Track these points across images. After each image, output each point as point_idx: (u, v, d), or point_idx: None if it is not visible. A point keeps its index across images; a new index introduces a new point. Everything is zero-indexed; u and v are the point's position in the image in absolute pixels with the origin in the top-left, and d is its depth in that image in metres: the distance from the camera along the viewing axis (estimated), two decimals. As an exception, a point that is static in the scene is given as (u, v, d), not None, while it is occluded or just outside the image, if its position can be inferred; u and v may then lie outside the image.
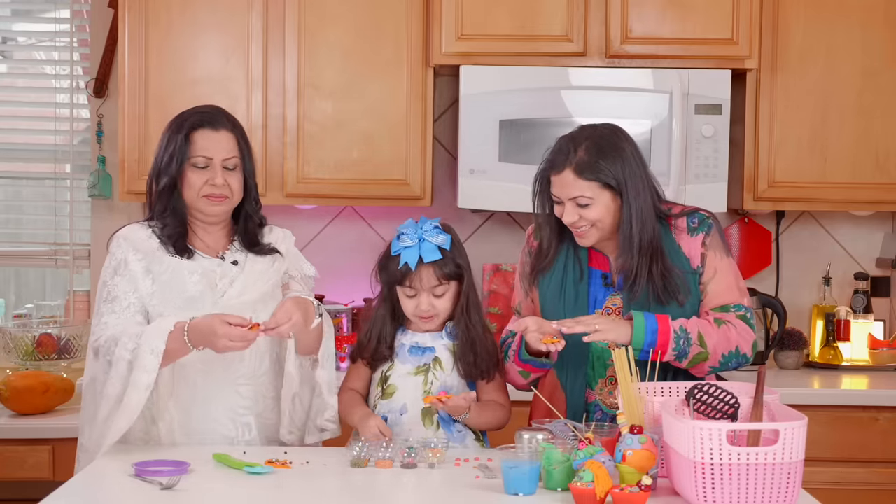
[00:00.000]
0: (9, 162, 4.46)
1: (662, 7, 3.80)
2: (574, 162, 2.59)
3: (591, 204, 2.60)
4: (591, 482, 2.14)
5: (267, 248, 2.85)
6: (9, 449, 3.61)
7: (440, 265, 2.66)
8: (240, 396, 2.75)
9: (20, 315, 4.23)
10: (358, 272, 3.75)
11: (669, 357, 2.56)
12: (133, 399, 2.59)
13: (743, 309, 2.66)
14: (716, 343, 2.59)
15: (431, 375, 2.70)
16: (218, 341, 2.52)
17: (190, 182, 2.76)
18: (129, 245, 2.77)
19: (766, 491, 2.10)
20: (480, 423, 2.71)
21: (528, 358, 2.67)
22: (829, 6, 3.89)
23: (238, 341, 2.52)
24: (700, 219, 2.69)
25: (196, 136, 2.77)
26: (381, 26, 3.87)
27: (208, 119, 2.81)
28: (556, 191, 2.64)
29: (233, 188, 2.77)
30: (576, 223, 2.62)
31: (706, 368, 2.63)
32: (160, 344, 2.58)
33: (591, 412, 2.69)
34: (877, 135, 3.91)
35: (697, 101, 3.77)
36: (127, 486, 2.37)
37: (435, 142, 4.04)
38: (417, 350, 2.73)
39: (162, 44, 3.87)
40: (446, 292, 2.69)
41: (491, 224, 4.24)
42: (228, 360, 2.71)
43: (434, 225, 2.69)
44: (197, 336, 2.56)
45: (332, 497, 2.34)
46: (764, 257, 4.27)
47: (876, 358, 4.04)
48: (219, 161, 2.76)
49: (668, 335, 2.55)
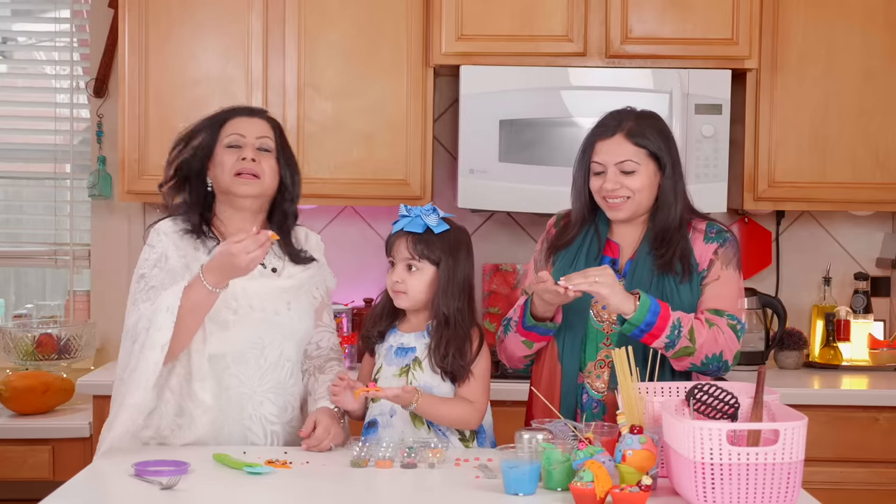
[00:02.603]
0: (9, 162, 4.46)
1: (662, 7, 3.80)
2: (626, 128, 2.70)
3: (636, 171, 2.67)
4: (591, 482, 2.14)
5: (305, 257, 2.83)
6: (9, 449, 3.61)
7: (417, 240, 2.68)
8: (271, 405, 2.74)
9: (20, 315, 4.23)
10: (358, 272, 3.76)
11: (660, 343, 2.59)
12: (149, 359, 2.55)
13: (735, 319, 2.69)
14: (703, 342, 2.61)
15: (411, 376, 2.70)
16: (237, 260, 2.51)
17: (221, 162, 2.74)
18: (170, 241, 2.73)
19: (766, 491, 2.10)
20: (438, 416, 2.66)
21: (533, 324, 2.69)
22: (829, 6, 3.90)
23: (255, 250, 2.51)
24: (718, 230, 2.76)
25: (230, 122, 2.80)
26: (381, 26, 3.87)
27: (242, 109, 2.86)
28: (602, 157, 2.69)
29: (265, 169, 2.75)
30: (616, 191, 2.67)
31: (687, 364, 2.64)
32: (174, 301, 2.56)
33: (579, 395, 2.71)
34: (877, 135, 3.92)
35: (697, 101, 3.77)
36: (127, 486, 2.37)
37: (435, 142, 4.04)
38: (401, 351, 2.73)
39: (162, 44, 3.87)
40: (419, 271, 2.69)
41: (491, 224, 4.24)
42: (263, 369, 2.72)
43: (435, 208, 2.73)
44: (215, 274, 2.55)
45: (332, 497, 2.34)
46: (764, 257, 4.27)
47: (876, 358, 4.04)
48: (252, 139, 2.76)
49: (667, 321, 2.58)
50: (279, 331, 2.75)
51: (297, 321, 2.78)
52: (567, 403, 2.70)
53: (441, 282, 2.69)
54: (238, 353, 2.71)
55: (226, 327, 2.68)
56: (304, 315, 2.80)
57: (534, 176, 3.75)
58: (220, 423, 2.70)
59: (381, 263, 4.19)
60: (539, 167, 3.76)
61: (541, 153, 3.76)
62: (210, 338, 2.66)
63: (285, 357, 2.76)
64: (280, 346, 2.75)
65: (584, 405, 2.71)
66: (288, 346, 2.77)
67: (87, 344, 4.03)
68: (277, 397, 2.75)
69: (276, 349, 2.75)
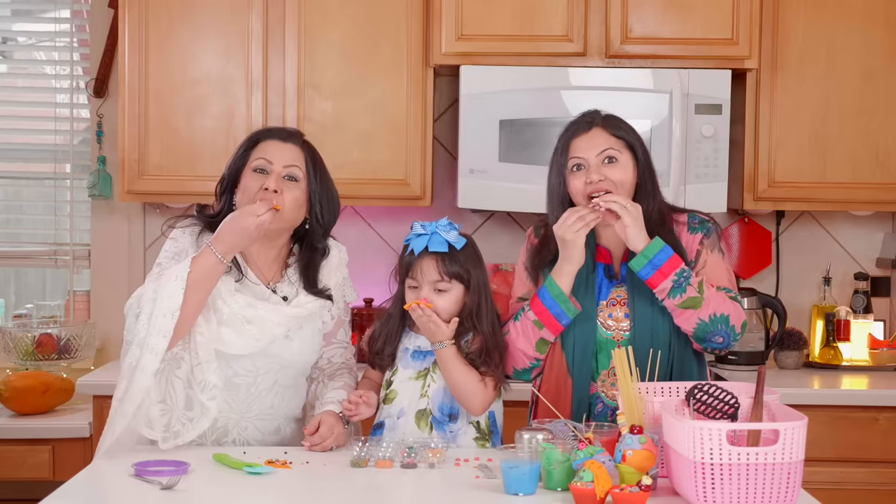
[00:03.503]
0: (9, 162, 4.47)
1: (662, 7, 3.80)
2: (599, 122, 2.72)
3: (618, 160, 2.67)
4: (591, 482, 2.14)
5: (322, 292, 2.78)
6: (9, 449, 3.61)
7: (444, 259, 2.65)
8: (256, 431, 2.74)
9: (20, 315, 4.23)
10: (358, 272, 3.74)
11: (667, 284, 2.58)
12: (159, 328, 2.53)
13: (733, 293, 2.69)
14: (711, 296, 2.61)
15: (429, 379, 2.70)
16: (246, 221, 2.52)
17: (245, 187, 2.70)
18: (192, 241, 2.73)
19: (766, 491, 2.10)
20: (454, 375, 2.62)
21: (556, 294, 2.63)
22: (829, 6, 3.90)
23: (264, 212, 2.53)
24: (700, 220, 2.76)
25: (262, 144, 2.75)
26: (381, 26, 3.87)
27: (278, 132, 2.79)
28: (582, 151, 2.69)
29: (286, 200, 2.67)
30: (600, 183, 2.66)
31: (695, 320, 2.61)
32: (183, 270, 2.55)
33: (593, 404, 2.70)
34: (877, 135, 3.92)
35: (697, 101, 3.77)
36: (127, 486, 2.37)
37: (435, 142, 4.04)
38: (419, 354, 2.72)
39: (162, 44, 3.87)
40: (448, 291, 2.67)
41: (491, 224, 4.24)
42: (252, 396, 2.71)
43: (450, 222, 2.69)
44: (223, 241, 2.56)
45: (332, 497, 2.34)
46: (764, 257, 4.27)
47: (876, 358, 4.04)
48: (279, 167, 2.69)
49: (678, 264, 2.59)
50: (275, 360, 2.73)
51: (296, 352, 2.75)
52: (577, 417, 2.65)
53: (474, 301, 2.68)
54: (228, 379, 2.68)
55: (221, 323, 2.66)
56: (305, 344, 2.77)
57: (534, 176, 3.74)
58: (203, 441, 2.69)
59: (381, 264, 4.18)
60: (539, 167, 3.73)
61: (541, 153, 3.75)
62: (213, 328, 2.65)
63: (280, 384, 2.75)
64: (275, 375, 2.74)
65: (597, 415, 2.68)
66: (285, 374, 2.76)
67: (87, 344, 4.03)
68: (264, 424, 2.74)
69: (270, 377, 2.73)
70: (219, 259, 2.57)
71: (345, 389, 2.76)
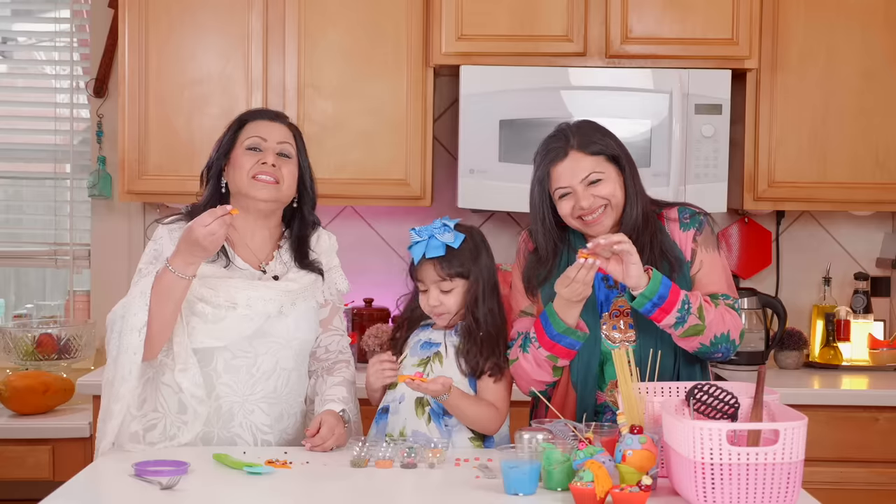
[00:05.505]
0: (9, 162, 4.47)
1: (662, 7, 3.80)
2: (574, 144, 2.65)
3: (602, 179, 2.63)
4: (591, 482, 2.14)
5: (314, 265, 2.82)
6: (9, 449, 3.61)
7: (442, 262, 2.69)
8: (263, 414, 2.73)
9: (20, 315, 4.23)
10: (358, 272, 3.75)
11: (670, 320, 2.55)
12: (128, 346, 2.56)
13: (731, 299, 2.68)
14: (712, 320, 2.59)
15: (429, 367, 2.72)
16: (194, 233, 2.50)
17: (240, 164, 2.72)
18: (170, 239, 2.73)
19: (766, 491, 2.10)
20: (464, 414, 2.67)
21: (564, 329, 2.58)
22: (829, 7, 3.90)
23: (212, 222, 2.50)
24: (691, 213, 2.73)
25: (251, 124, 2.79)
26: (381, 26, 3.87)
27: (266, 112, 2.86)
28: (564, 180, 2.64)
29: (284, 175, 2.73)
30: (591, 207, 2.62)
31: (696, 344, 2.61)
32: (147, 285, 2.57)
33: (602, 413, 2.69)
34: (876, 135, 3.92)
35: (697, 101, 3.77)
36: (127, 486, 2.37)
37: (435, 142, 4.04)
38: (427, 345, 2.76)
39: (162, 44, 3.87)
40: (453, 289, 2.71)
41: (491, 224, 4.23)
42: (255, 378, 2.71)
43: (444, 223, 2.72)
44: (178, 256, 2.55)
45: (332, 497, 2.34)
46: (764, 257, 4.27)
47: (876, 358, 4.04)
48: (273, 143, 2.75)
49: (678, 296, 2.55)
50: (273, 339, 2.73)
51: (292, 329, 2.75)
52: None
53: (473, 291, 2.71)
54: (227, 361, 2.69)
55: (205, 321, 2.65)
56: (301, 321, 2.77)
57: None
58: (210, 429, 2.69)
59: (381, 264, 4.22)
60: (539, 167, 3.75)
61: (541, 153, 3.76)
62: (193, 331, 2.65)
63: (281, 366, 2.75)
64: (276, 356, 2.74)
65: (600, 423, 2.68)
66: (285, 354, 2.75)
67: (87, 344, 4.03)
68: (270, 407, 2.74)
69: (271, 358, 2.73)
70: (177, 276, 2.56)
71: (343, 385, 2.78)
